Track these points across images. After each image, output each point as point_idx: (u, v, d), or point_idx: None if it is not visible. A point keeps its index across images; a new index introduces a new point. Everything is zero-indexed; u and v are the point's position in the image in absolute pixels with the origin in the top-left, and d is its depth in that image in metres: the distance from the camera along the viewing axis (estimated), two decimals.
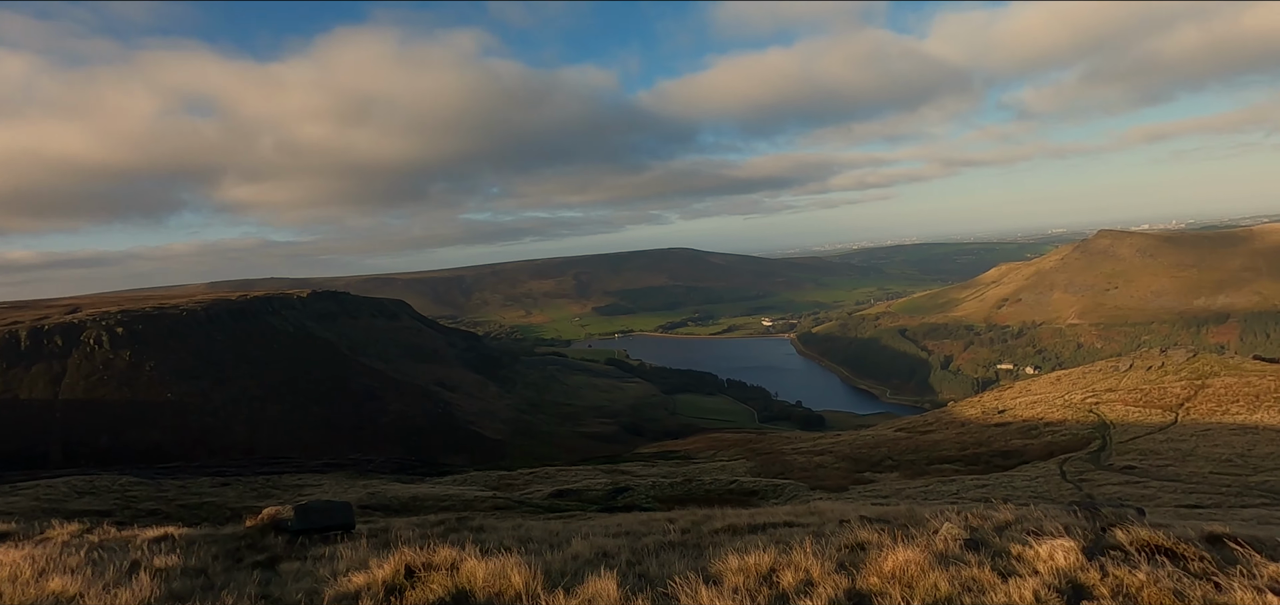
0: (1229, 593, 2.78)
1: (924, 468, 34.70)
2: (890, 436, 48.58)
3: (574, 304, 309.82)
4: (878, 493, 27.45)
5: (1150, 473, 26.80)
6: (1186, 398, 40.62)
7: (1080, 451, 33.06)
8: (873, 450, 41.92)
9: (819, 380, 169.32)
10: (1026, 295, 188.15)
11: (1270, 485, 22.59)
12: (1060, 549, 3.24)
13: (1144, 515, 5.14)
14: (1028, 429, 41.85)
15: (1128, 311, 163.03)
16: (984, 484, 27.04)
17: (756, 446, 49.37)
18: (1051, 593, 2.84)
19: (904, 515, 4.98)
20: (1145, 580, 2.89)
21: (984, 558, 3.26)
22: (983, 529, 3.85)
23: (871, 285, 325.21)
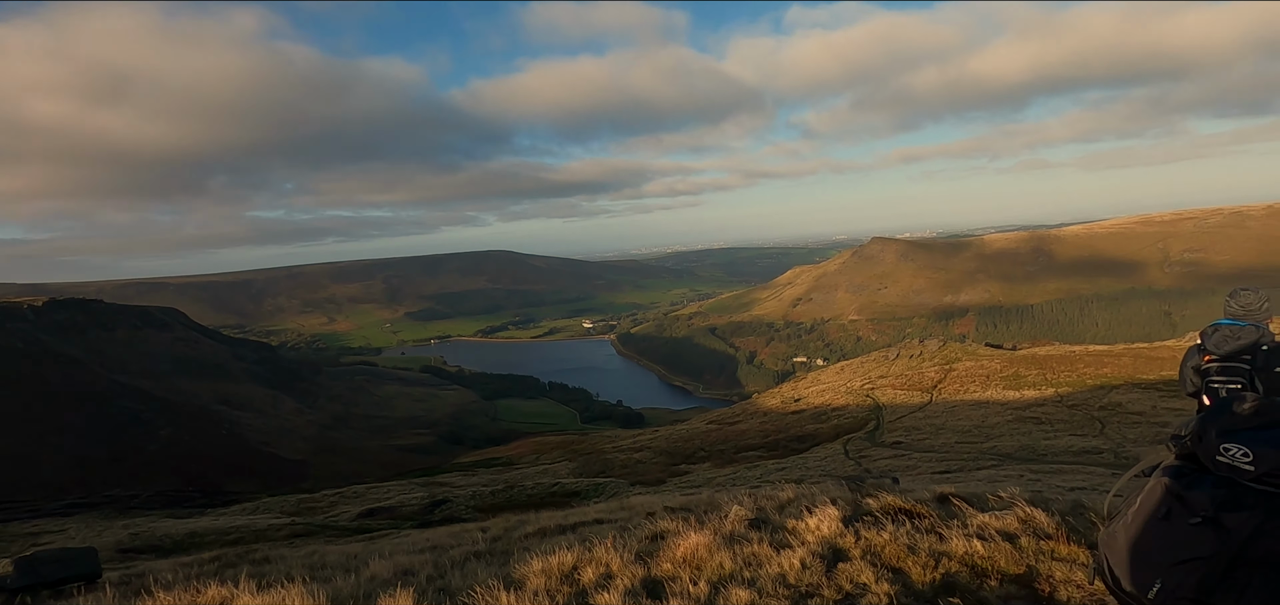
0: (948, 541, 3.39)
1: (732, 456, 37.30)
2: (703, 429, 51.61)
3: (384, 309, 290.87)
4: (691, 483, 29.04)
5: (913, 446, 31.09)
6: (938, 380, 47.61)
7: (860, 431, 37.46)
8: (687, 443, 44.24)
9: (638, 379, 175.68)
10: (816, 295, 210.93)
11: (998, 449, 27.27)
12: (826, 519, 3.69)
13: (897, 483, 6.00)
14: (819, 414, 46.56)
15: (894, 308, 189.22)
16: (783, 466, 29.73)
17: (579, 447, 49.91)
18: (815, 559, 3.24)
19: (705, 502, 5.33)
20: (888, 539, 3.41)
21: (764, 534, 3.62)
22: (767, 509, 4.27)
23: (685, 287, 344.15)
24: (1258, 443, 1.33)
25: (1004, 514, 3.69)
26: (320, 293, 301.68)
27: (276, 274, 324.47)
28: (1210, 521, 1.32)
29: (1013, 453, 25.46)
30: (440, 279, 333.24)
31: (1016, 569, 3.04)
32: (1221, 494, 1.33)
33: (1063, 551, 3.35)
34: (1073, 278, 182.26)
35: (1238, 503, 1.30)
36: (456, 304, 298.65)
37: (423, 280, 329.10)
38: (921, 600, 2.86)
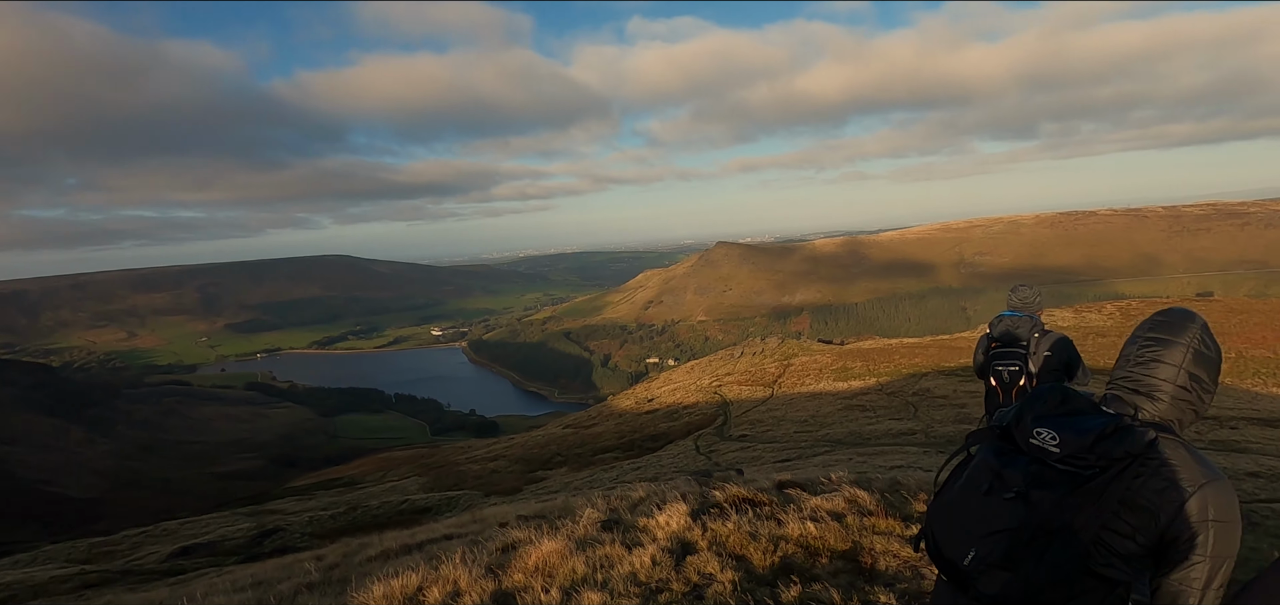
0: (785, 525, 3.64)
1: (590, 459, 37.40)
2: (559, 434, 51.32)
3: (199, 321, 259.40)
4: (548, 489, 28.73)
5: (757, 437, 32.93)
6: (778, 375, 50.84)
7: (709, 427, 39.05)
8: (543, 449, 43.77)
9: (492, 386, 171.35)
10: (666, 297, 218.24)
11: (830, 436, 29.64)
12: (675, 515, 3.81)
13: (742, 474, 6.34)
14: (672, 413, 47.94)
15: (738, 308, 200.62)
16: (639, 465, 30.29)
17: (430, 461, 47.63)
18: (665, 554, 3.33)
19: (559, 508, 5.29)
20: (732, 528, 3.59)
21: (617, 535, 3.67)
22: (620, 509, 4.33)
23: (538, 291, 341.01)
24: (1064, 428, 1.51)
25: (833, 496, 4.04)
26: (117, 304, 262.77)
27: (57, 283, 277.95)
28: (1021, 496, 1.48)
29: (843, 439, 27.83)
30: (267, 286, 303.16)
31: (844, 546, 3.34)
32: (1032, 472, 1.50)
33: (882, 526, 3.72)
34: (887, 278, 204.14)
35: (1044, 481, 1.48)
36: (287, 314, 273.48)
37: (246, 288, 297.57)
38: (762, 584, 3.04)
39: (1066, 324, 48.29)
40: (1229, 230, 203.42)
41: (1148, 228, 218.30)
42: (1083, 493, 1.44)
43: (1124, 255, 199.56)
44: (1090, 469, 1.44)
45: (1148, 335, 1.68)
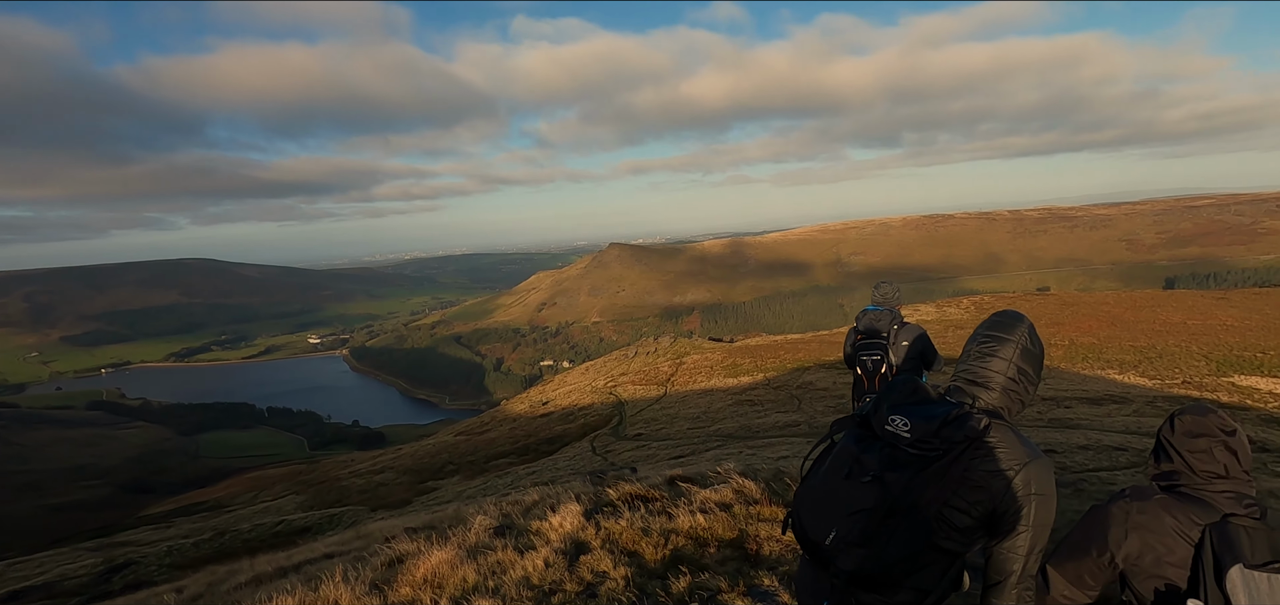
0: (676, 519, 3.76)
1: (483, 466, 36.41)
2: (451, 442, 49.68)
3: (28, 334, 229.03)
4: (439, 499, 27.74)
5: (652, 436, 33.37)
6: (671, 374, 51.82)
7: (605, 428, 39.15)
8: (434, 458, 42.20)
9: (377, 395, 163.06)
10: (560, 299, 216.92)
11: (721, 430, 30.56)
12: (569, 516, 3.82)
13: (635, 472, 6.43)
14: (567, 415, 47.61)
15: (632, 309, 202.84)
16: (534, 470, 29.87)
17: (308, 477, 44.61)
18: (558, 556, 3.34)
19: (450, 517, 5.14)
20: (625, 525, 3.65)
21: (510, 540, 3.63)
22: (513, 514, 4.28)
23: (426, 295, 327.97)
24: (914, 415, 1.69)
25: (721, 487, 4.21)
26: None
27: None
28: (877, 478, 1.63)
29: (733, 433, 28.80)
30: (113, 294, 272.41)
31: (731, 534, 3.49)
32: (887, 456, 1.66)
33: (767, 513, 3.92)
34: (771, 277, 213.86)
35: (897, 463, 1.64)
36: (138, 324, 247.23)
37: (86, 296, 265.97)
38: (654, 577, 3.12)
39: (930, 317, 52.53)
40: (1061, 232, 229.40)
41: (996, 229, 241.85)
42: (928, 474, 1.61)
43: (976, 254, 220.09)
44: (935, 452, 1.62)
45: (985, 334, 1.90)
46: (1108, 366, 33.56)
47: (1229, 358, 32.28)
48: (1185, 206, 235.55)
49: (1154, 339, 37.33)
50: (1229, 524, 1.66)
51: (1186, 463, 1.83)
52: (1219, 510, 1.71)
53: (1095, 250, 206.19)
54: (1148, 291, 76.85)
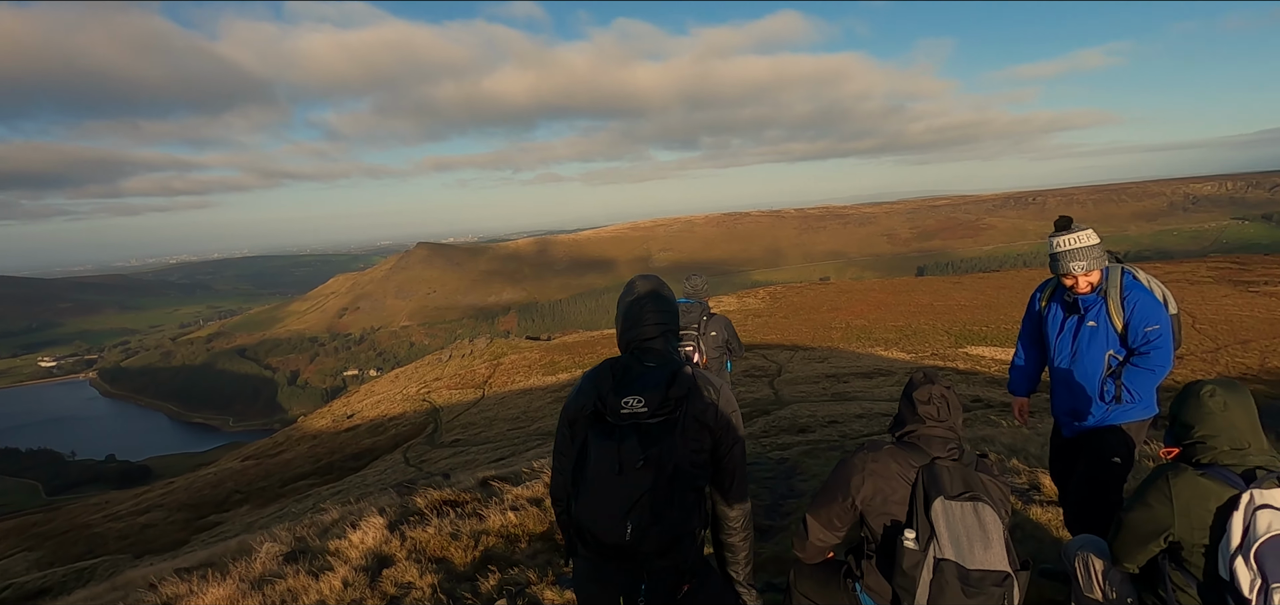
0: (487, 519, 3.73)
1: (278, 491, 32.91)
2: (237, 468, 44.17)
3: None
4: (225, 534, 24.61)
5: (470, 441, 32.40)
6: (489, 376, 50.70)
7: (420, 436, 37.27)
8: (217, 489, 37.25)
9: (139, 424, 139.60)
10: (364, 303, 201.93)
11: (542, 429, 30.53)
12: (371, 530, 3.62)
13: (448, 477, 6.24)
14: (376, 427, 44.59)
15: (445, 311, 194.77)
16: (340, 489, 27.58)
17: (47, 529, 37.04)
18: (358, 573, 3.16)
19: (233, 550, 4.61)
20: (433, 533, 3.55)
21: (303, 565, 3.35)
22: (307, 536, 3.95)
23: (200, 304, 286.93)
24: (644, 390, 1.85)
25: (533, 483, 4.24)
26: None
27: None
28: (645, 460, 1.77)
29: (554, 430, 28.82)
30: None
31: (542, 528, 3.54)
32: (642, 437, 1.80)
33: None
34: (585, 274, 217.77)
35: (652, 438, 1.80)
36: None
37: None
38: (463, 580, 3.07)
39: (731, 307, 56.86)
40: (837, 228, 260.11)
41: (785, 226, 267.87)
42: (675, 435, 1.81)
43: (769, 249, 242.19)
44: (669, 413, 1.83)
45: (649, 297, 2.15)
46: (876, 344, 38.81)
47: (964, 332, 38.77)
48: (929, 206, 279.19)
49: (910, 319, 43.85)
50: (936, 465, 2.07)
51: (916, 417, 2.22)
52: (930, 454, 2.11)
53: (864, 244, 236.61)
54: (904, 279, 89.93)
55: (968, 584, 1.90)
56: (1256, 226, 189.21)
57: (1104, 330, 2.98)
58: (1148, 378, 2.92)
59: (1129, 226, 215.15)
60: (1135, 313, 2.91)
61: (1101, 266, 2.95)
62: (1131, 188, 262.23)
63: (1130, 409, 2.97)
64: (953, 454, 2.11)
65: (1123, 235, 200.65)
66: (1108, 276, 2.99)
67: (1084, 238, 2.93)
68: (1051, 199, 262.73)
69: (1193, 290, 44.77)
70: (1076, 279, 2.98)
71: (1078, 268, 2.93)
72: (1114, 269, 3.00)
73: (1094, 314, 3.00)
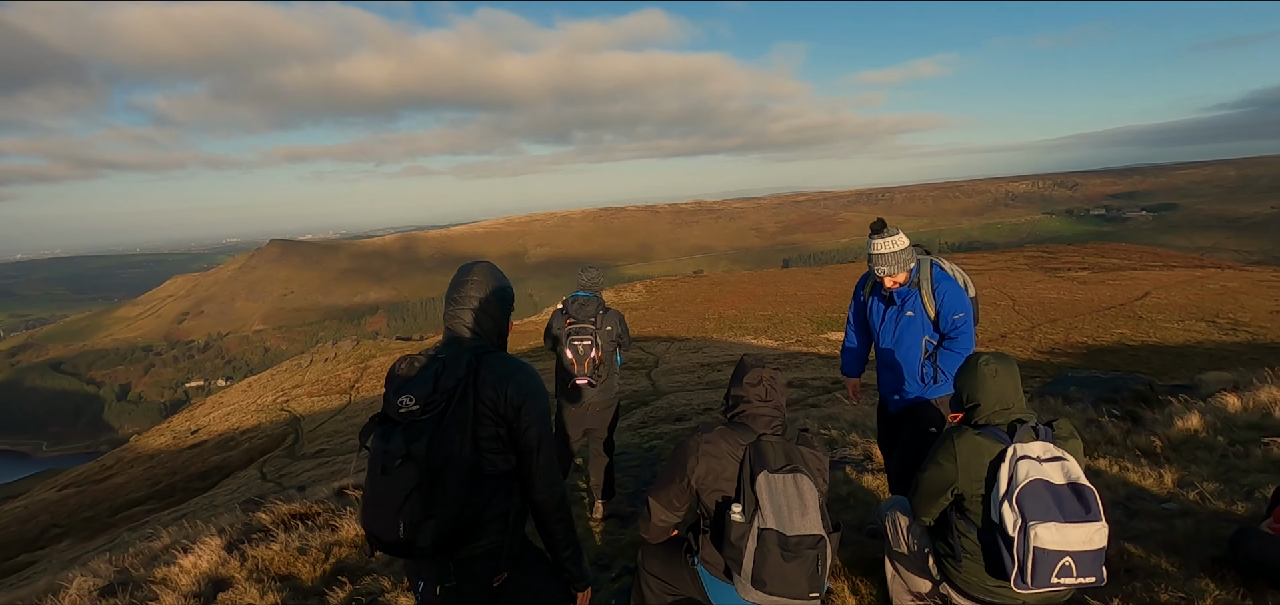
0: (340, 530, 3.58)
1: (108, 521, 29.17)
2: (54, 499, 38.70)
3: None
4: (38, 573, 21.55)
5: (336, 450, 30.44)
6: (356, 380, 47.93)
7: (278, 449, 34.56)
8: (27, 524, 32.45)
9: None
10: (209, 306, 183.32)
11: None
12: (206, 552, 3.36)
13: (302, 491, 5.88)
14: (226, 442, 40.87)
15: (305, 313, 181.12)
16: (183, 513, 24.95)
17: None
18: (189, 600, 2.93)
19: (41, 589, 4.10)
20: (279, 549, 3.35)
21: (124, 597, 3.05)
22: (132, 566, 3.59)
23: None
24: (414, 388, 1.87)
25: None
26: None
27: None
28: (407, 457, 1.79)
29: None
30: None
31: None
32: (408, 434, 1.83)
33: None
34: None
35: (418, 433, 1.82)
36: None
37: None
38: (311, 596, 2.93)
39: (609, 301, 57.44)
40: (709, 222, 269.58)
41: (659, 221, 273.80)
42: (446, 425, 1.84)
43: (645, 243, 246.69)
44: (440, 405, 1.85)
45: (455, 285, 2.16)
46: (747, 333, 40.75)
47: (825, 319, 41.54)
48: (792, 201, 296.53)
49: (777, 308, 46.39)
50: (762, 441, 2.26)
51: (744, 398, 2.41)
52: (757, 432, 2.31)
53: (734, 237, 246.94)
54: (772, 271, 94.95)
55: (786, 549, 2.10)
56: (1061, 221, 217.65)
57: (920, 319, 3.38)
58: (955, 359, 3.35)
59: (961, 220, 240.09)
60: (944, 302, 3.32)
61: (907, 268, 3.34)
62: (963, 186, 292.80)
63: (943, 385, 3.39)
64: (776, 430, 2.32)
65: (956, 228, 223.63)
66: (919, 269, 3.38)
67: (894, 243, 3.31)
68: (898, 195, 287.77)
69: (1012, 276, 50.82)
70: (885, 280, 3.36)
71: (884, 271, 3.32)
72: (924, 262, 3.41)
73: (911, 305, 3.39)
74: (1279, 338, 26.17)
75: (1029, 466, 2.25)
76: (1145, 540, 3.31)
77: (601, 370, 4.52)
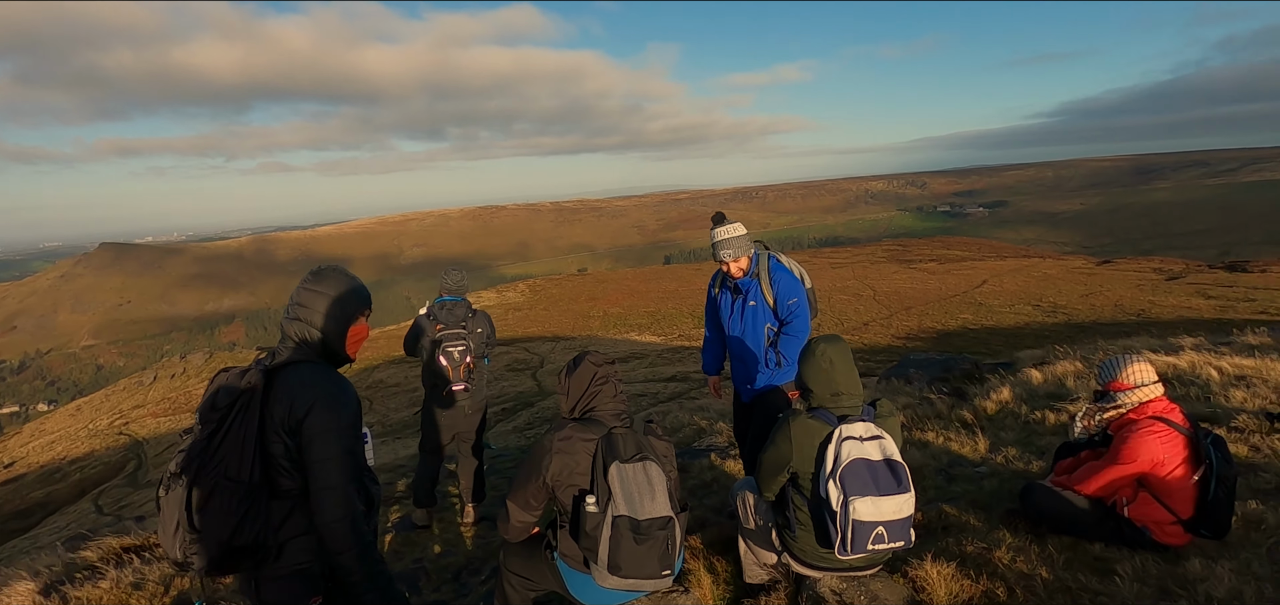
0: None
1: None
2: None
3: None
4: None
5: None
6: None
7: (116, 478, 31.01)
8: None
9: None
10: (23, 320, 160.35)
11: None
12: (17, 598, 3.01)
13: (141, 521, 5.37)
14: (51, 474, 36.01)
15: (145, 324, 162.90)
16: None
17: None
18: None
19: None
20: (109, 587, 3.07)
21: None
22: None
23: None
24: (201, 412, 1.86)
25: None
26: None
27: None
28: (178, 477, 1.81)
29: None
30: None
31: None
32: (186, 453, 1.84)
33: None
34: None
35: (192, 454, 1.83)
36: None
37: None
38: None
39: (491, 302, 56.16)
40: (592, 220, 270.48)
41: (541, 219, 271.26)
42: (221, 443, 1.80)
43: (527, 241, 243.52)
44: (214, 423, 1.82)
45: (298, 289, 2.05)
46: (631, 329, 41.30)
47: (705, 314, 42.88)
48: (672, 200, 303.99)
49: (660, 304, 47.37)
50: (613, 433, 2.39)
51: (593, 394, 2.51)
52: (607, 425, 2.43)
53: (618, 235, 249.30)
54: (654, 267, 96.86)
55: (638, 533, 2.24)
56: (913, 217, 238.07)
57: (761, 308, 3.65)
58: (794, 343, 3.61)
59: (826, 217, 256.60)
60: (780, 289, 3.60)
61: (748, 253, 3.60)
62: (828, 185, 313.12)
63: (787, 371, 3.66)
64: (625, 422, 2.46)
65: (823, 224, 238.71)
66: (758, 262, 3.65)
67: (733, 231, 3.57)
68: (770, 193, 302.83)
69: (873, 269, 55.01)
70: (729, 265, 3.61)
71: (727, 255, 3.57)
72: (763, 256, 3.68)
73: (753, 295, 3.65)
74: (1089, 318, 30.09)
75: (851, 447, 2.53)
76: (959, 501, 3.78)
77: (475, 374, 4.51)
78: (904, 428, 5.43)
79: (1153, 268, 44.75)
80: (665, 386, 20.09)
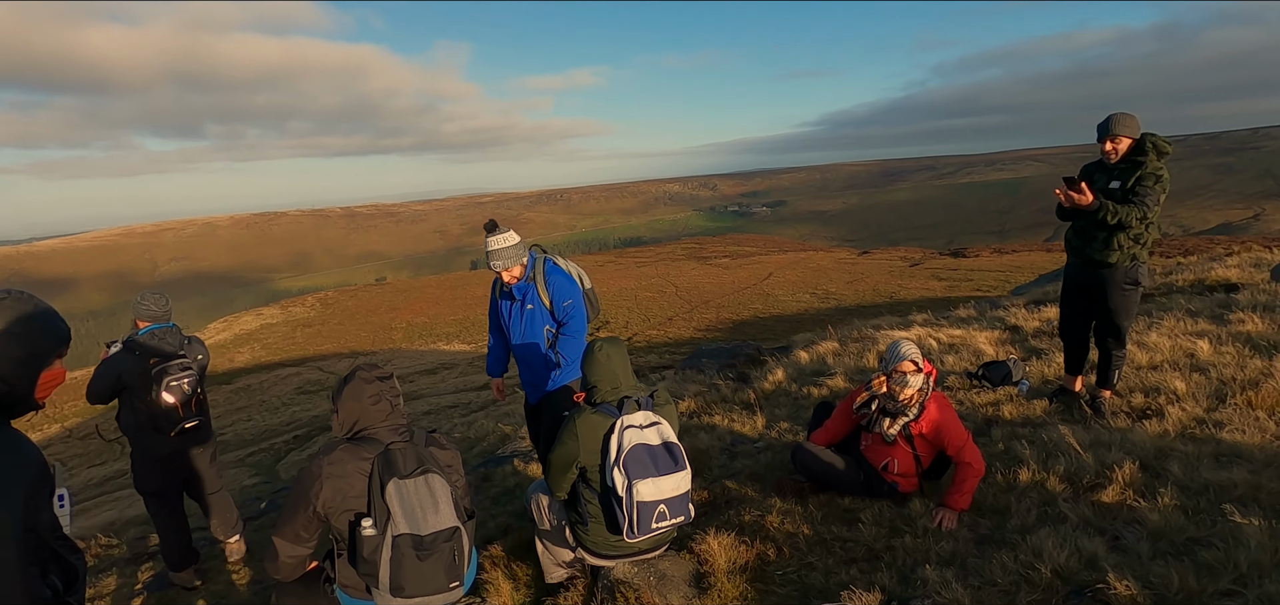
0: None
1: None
2: None
3: None
4: None
5: None
6: None
7: None
8: None
9: None
10: None
11: None
12: None
13: None
14: None
15: None
16: None
17: None
18: None
19: None
20: None
21: None
22: None
23: None
24: None
25: None
26: None
27: None
28: None
29: None
30: None
31: None
32: None
33: None
34: (61, 294, 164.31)
35: None
36: None
37: None
38: None
39: (276, 319, 50.37)
40: (389, 226, 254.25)
41: (332, 226, 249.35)
42: None
43: (315, 250, 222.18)
44: None
45: None
46: (438, 339, 39.44)
47: None
48: (476, 203, 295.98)
49: (468, 312, 45.76)
50: (390, 449, 2.26)
51: (365, 412, 2.32)
52: (383, 442, 2.30)
53: (418, 241, 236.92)
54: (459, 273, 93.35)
55: (422, 548, 2.15)
56: (706, 217, 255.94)
57: (539, 310, 3.70)
58: (573, 342, 3.70)
59: (630, 218, 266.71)
60: (555, 292, 3.68)
61: (521, 262, 3.63)
62: (628, 187, 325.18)
63: (569, 370, 3.72)
64: (404, 437, 2.34)
65: (626, 225, 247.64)
66: (533, 266, 3.69)
67: (505, 240, 3.58)
68: (574, 196, 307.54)
69: (674, 266, 58.18)
70: (502, 274, 3.63)
71: (499, 265, 3.58)
72: (539, 259, 3.73)
73: (530, 298, 3.69)
74: (855, 302, 34.48)
75: (632, 434, 2.68)
76: (739, 476, 4.15)
77: (205, 405, 4.07)
78: (694, 413, 5.85)
79: (899, 256, 52.65)
80: (477, 395, 19.55)
